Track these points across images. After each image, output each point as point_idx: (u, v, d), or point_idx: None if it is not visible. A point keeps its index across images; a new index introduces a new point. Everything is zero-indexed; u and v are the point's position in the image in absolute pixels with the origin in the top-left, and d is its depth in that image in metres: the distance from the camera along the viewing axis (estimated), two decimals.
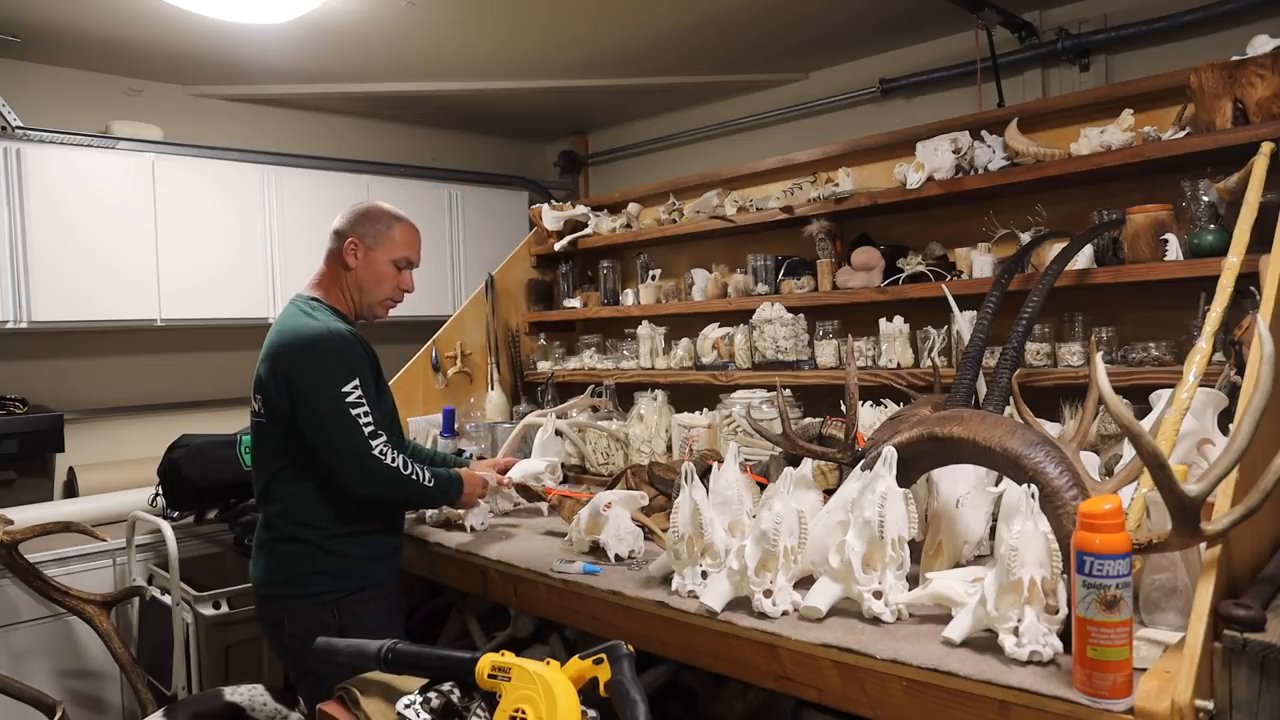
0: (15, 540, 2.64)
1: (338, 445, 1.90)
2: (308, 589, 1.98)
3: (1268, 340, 1.14)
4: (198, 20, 3.27)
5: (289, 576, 2.00)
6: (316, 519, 1.99)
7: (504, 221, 4.95)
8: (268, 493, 2.04)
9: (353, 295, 2.11)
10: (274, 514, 2.03)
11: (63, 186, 3.51)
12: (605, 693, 1.28)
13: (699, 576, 1.67)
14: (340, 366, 1.92)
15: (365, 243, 2.08)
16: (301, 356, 1.93)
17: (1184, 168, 2.06)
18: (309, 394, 1.91)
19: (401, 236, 2.13)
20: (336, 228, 2.12)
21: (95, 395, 3.99)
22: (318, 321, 1.99)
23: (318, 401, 1.90)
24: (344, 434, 1.90)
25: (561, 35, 3.77)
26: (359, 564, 2.02)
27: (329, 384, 1.90)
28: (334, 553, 2.00)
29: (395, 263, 2.12)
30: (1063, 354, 2.18)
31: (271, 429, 1.99)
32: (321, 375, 1.91)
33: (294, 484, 2.00)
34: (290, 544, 2.00)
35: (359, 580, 2.02)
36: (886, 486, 1.50)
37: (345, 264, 2.09)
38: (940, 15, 3.45)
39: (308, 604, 1.98)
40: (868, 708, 1.38)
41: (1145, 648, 1.24)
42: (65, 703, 2.68)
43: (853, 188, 2.66)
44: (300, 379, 1.92)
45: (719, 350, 2.90)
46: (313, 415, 1.91)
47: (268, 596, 2.04)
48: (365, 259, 2.09)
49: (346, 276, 2.10)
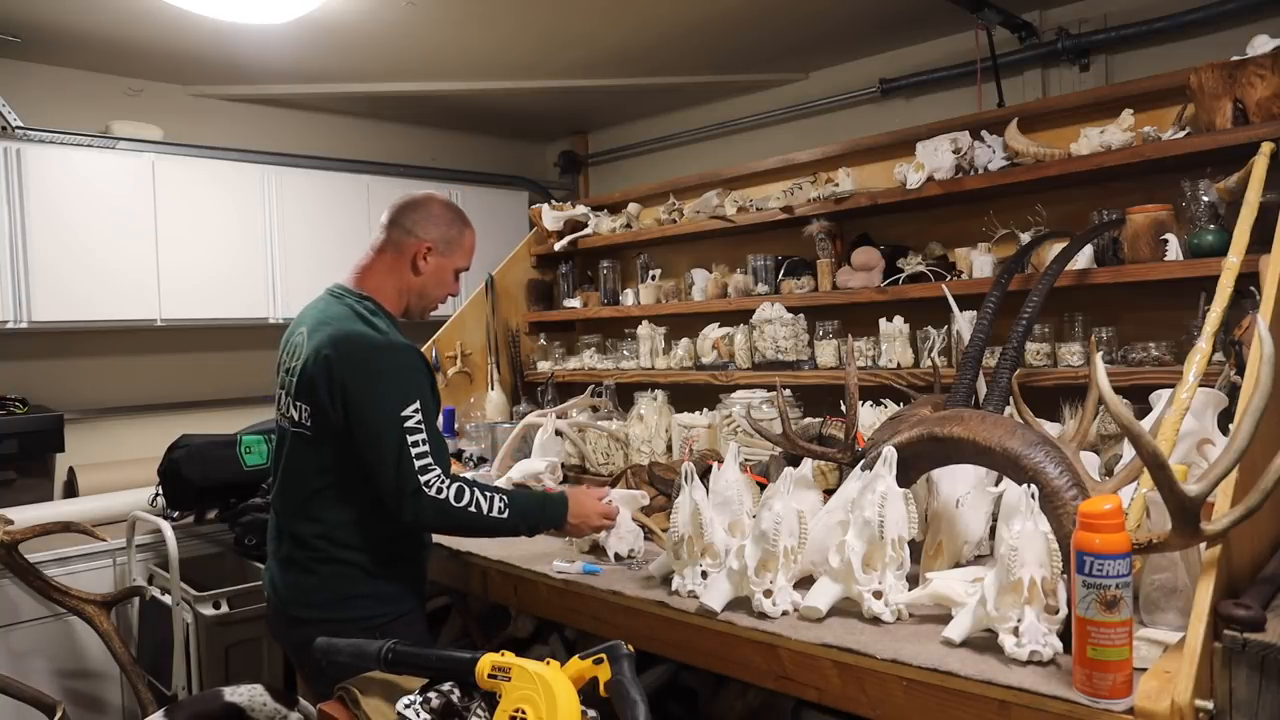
0: (15, 540, 2.64)
1: (387, 472, 1.73)
2: (349, 613, 1.83)
3: (1268, 340, 1.14)
4: (198, 20, 3.27)
5: (330, 600, 1.84)
6: (363, 542, 1.84)
7: (504, 221, 4.96)
8: (305, 510, 1.86)
9: (410, 298, 1.97)
10: (313, 533, 1.85)
11: (63, 186, 3.51)
12: (605, 693, 1.28)
13: (699, 576, 1.67)
14: (407, 387, 1.75)
15: (439, 249, 1.94)
16: (365, 371, 1.75)
17: (1184, 168, 2.06)
18: (365, 414, 1.74)
19: (469, 244, 2.02)
20: (403, 225, 1.94)
21: (95, 395, 3.99)
22: (380, 333, 1.83)
23: (374, 424, 1.73)
24: (396, 461, 1.72)
25: (562, 35, 3.77)
26: (403, 586, 1.90)
27: (390, 405, 1.73)
28: (380, 576, 1.86)
29: (458, 270, 2.01)
30: (1063, 354, 2.18)
31: (318, 441, 1.81)
32: (384, 395, 1.74)
33: (340, 503, 1.83)
34: (332, 565, 1.84)
35: (401, 604, 1.89)
36: (886, 486, 1.50)
37: (415, 268, 1.93)
38: (940, 15, 3.45)
39: (349, 628, 1.79)
40: (868, 708, 1.38)
41: (1145, 648, 1.24)
42: (65, 703, 2.67)
43: (853, 188, 2.66)
44: (360, 396, 1.74)
45: (719, 350, 2.90)
46: (366, 437, 1.74)
47: (301, 619, 1.86)
48: (435, 266, 1.95)
49: (410, 279, 1.94)
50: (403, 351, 1.80)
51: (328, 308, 1.90)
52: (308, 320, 1.90)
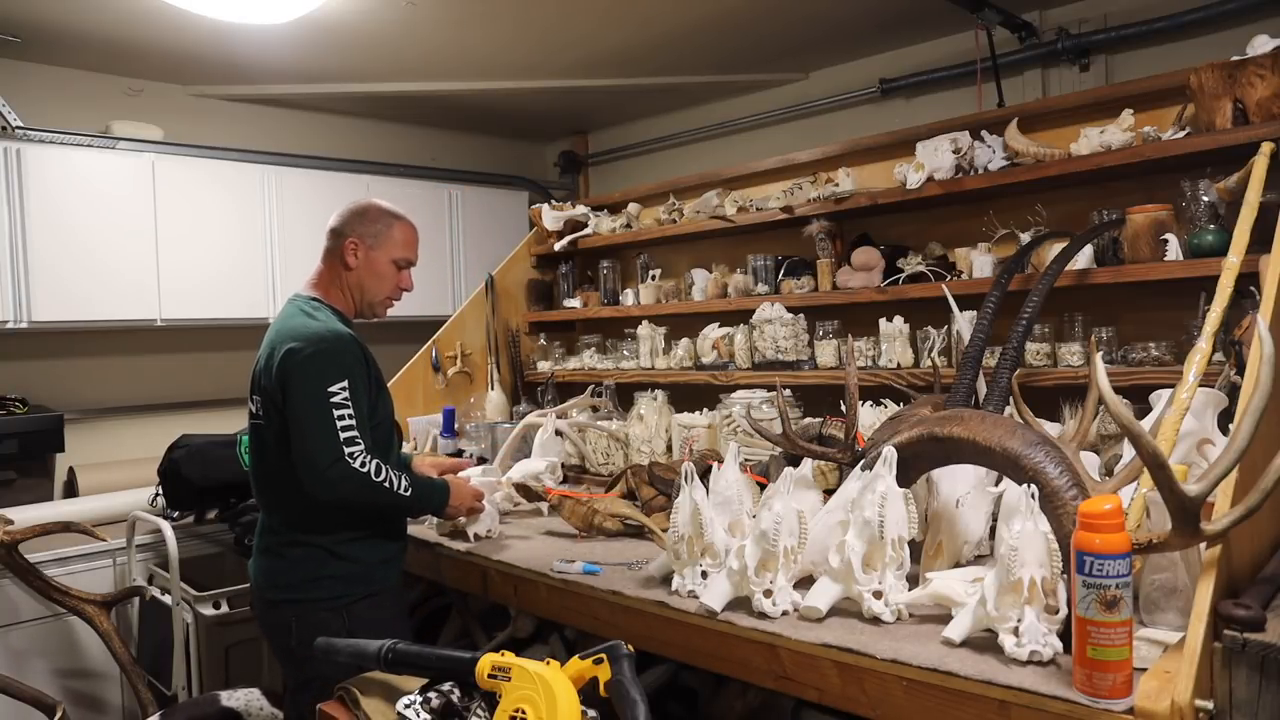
0: (15, 540, 2.64)
1: (308, 445, 1.85)
2: (317, 593, 1.95)
3: (1268, 340, 1.14)
4: (198, 20, 3.27)
5: (297, 581, 1.96)
6: (325, 523, 1.95)
7: (504, 221, 4.95)
8: (270, 496, 2.01)
9: (353, 295, 2.09)
10: (280, 520, 2.00)
11: (63, 186, 3.51)
12: (605, 693, 1.28)
13: (699, 576, 1.67)
14: (332, 367, 1.88)
15: (365, 243, 2.06)
16: (298, 354, 1.88)
17: (1184, 168, 2.06)
18: (295, 390, 1.87)
19: (401, 236, 2.11)
20: (334, 227, 2.09)
21: (95, 395, 3.99)
22: (318, 322, 1.97)
23: (302, 398, 1.86)
24: (318, 433, 1.84)
25: (562, 35, 3.77)
26: (368, 568, 1.99)
27: (317, 382, 1.86)
28: (344, 557, 1.96)
29: (395, 262, 2.10)
30: (1063, 354, 2.18)
31: (269, 430, 1.96)
32: (312, 373, 1.86)
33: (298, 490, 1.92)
34: (299, 548, 1.96)
35: (369, 584, 1.98)
36: (886, 486, 1.50)
37: (345, 264, 2.06)
38: (940, 15, 3.45)
39: (317, 609, 1.94)
40: (868, 708, 1.38)
41: (1145, 648, 1.24)
42: (65, 703, 2.68)
43: (853, 188, 2.66)
44: (292, 376, 1.88)
45: (719, 350, 2.90)
46: (294, 411, 1.87)
47: (273, 601, 1.99)
48: (366, 259, 2.07)
49: (347, 276, 2.08)
50: (334, 336, 1.93)
51: (282, 313, 2.06)
52: (270, 328, 2.06)
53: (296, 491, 1.92)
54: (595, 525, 2.18)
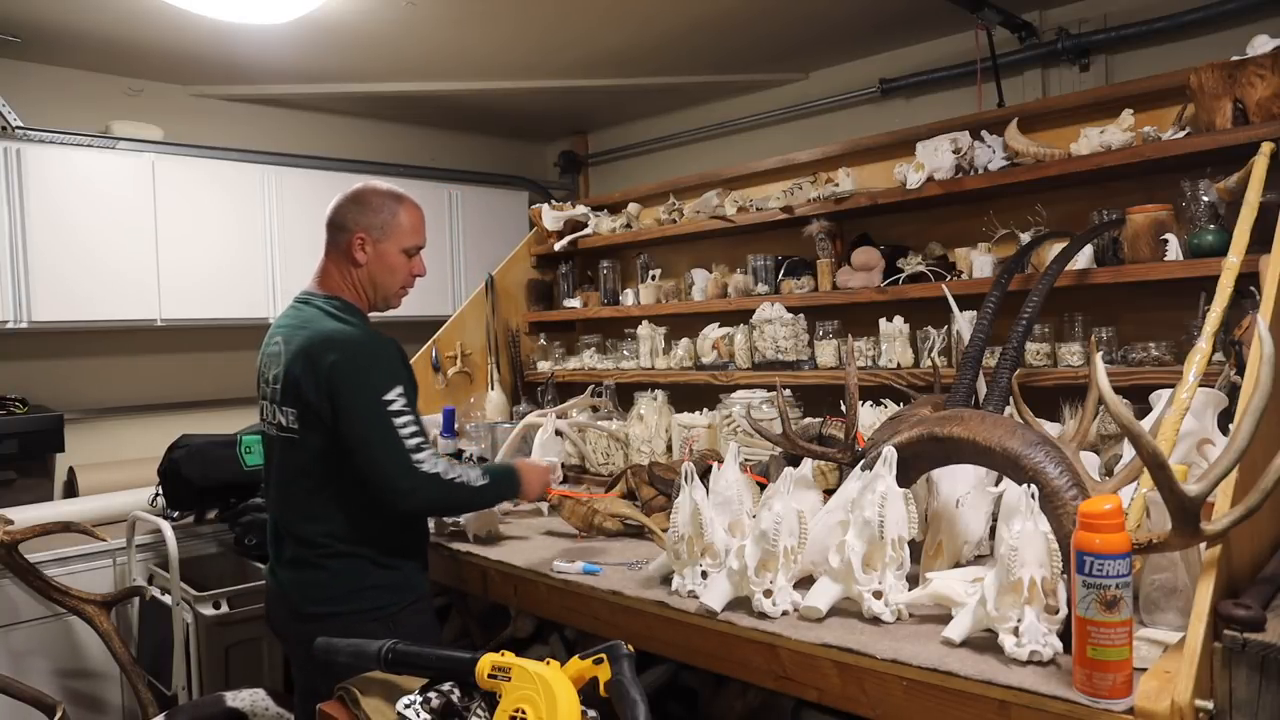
0: (15, 540, 2.64)
1: (377, 460, 1.78)
2: (361, 604, 1.86)
3: (1268, 340, 1.14)
4: (198, 20, 3.27)
5: (339, 593, 1.86)
6: (369, 534, 1.87)
7: (504, 221, 4.95)
8: (307, 510, 1.89)
9: (366, 291, 1.99)
10: (319, 531, 1.88)
11: (63, 186, 3.51)
12: (605, 693, 1.28)
13: (699, 576, 1.67)
14: (383, 374, 1.80)
15: (372, 236, 1.95)
16: (345, 365, 1.80)
17: (1184, 168, 2.06)
18: (350, 404, 1.78)
19: (409, 222, 1.99)
20: (335, 220, 1.97)
21: (95, 395, 3.99)
22: (352, 326, 1.89)
23: (360, 412, 1.78)
24: (384, 446, 1.77)
25: (561, 35, 3.77)
26: (409, 575, 1.93)
27: (372, 393, 1.78)
28: (388, 566, 1.89)
29: (406, 251, 1.99)
30: (1063, 354, 2.18)
31: (311, 444, 1.85)
32: (365, 384, 1.79)
33: (342, 498, 1.86)
34: (342, 560, 1.87)
35: (410, 592, 1.92)
36: (886, 486, 1.50)
37: (353, 261, 1.95)
38: (940, 15, 3.45)
39: (362, 620, 1.84)
40: (868, 708, 1.38)
41: (1145, 648, 1.24)
42: (65, 703, 2.67)
43: (853, 188, 2.66)
44: (343, 390, 1.79)
45: (719, 350, 2.90)
46: (352, 427, 1.79)
47: (310, 614, 1.87)
48: (375, 253, 1.95)
49: (356, 273, 1.96)
50: (380, 342, 1.86)
51: (299, 314, 1.95)
52: (282, 329, 1.94)
53: (345, 504, 1.85)
54: (595, 525, 2.18)
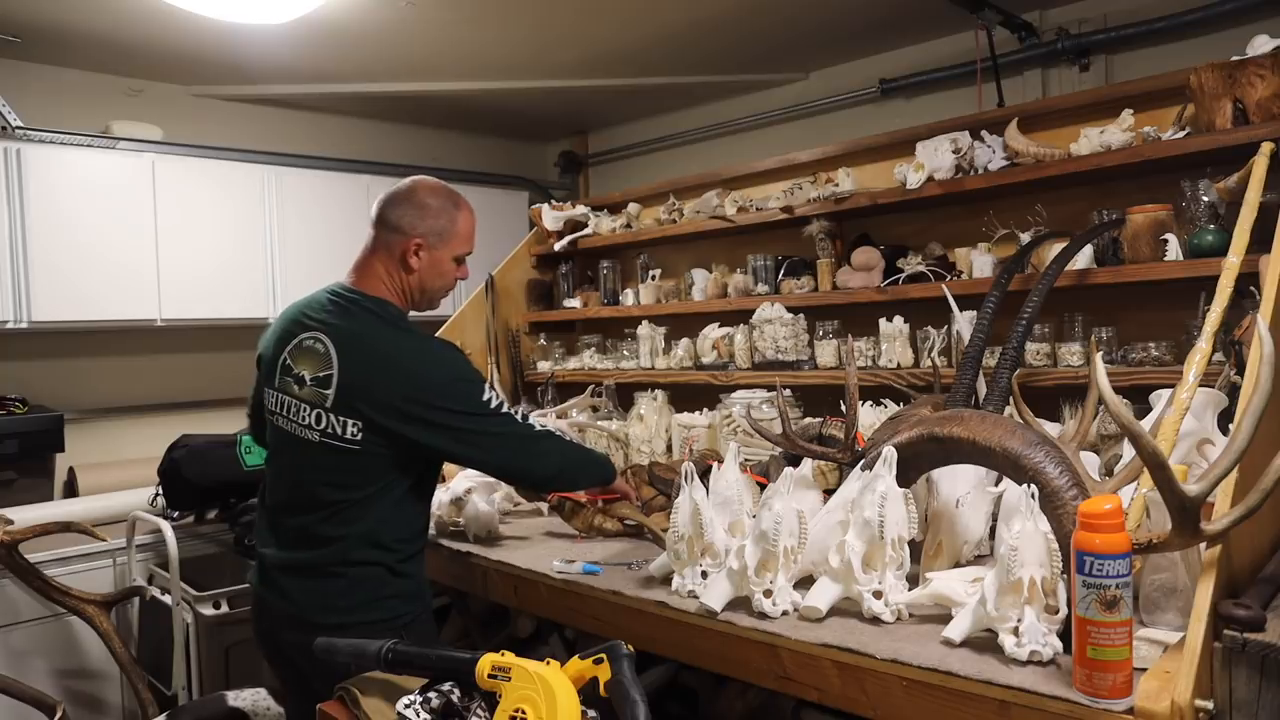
0: (15, 540, 2.64)
1: (512, 449, 1.81)
2: (377, 615, 1.82)
3: (1268, 340, 1.14)
4: (198, 20, 3.27)
5: (361, 603, 1.82)
6: (390, 543, 1.84)
7: (504, 221, 4.95)
8: (334, 517, 1.82)
9: (413, 294, 1.92)
10: (341, 538, 1.82)
11: (63, 186, 3.51)
12: (605, 693, 1.28)
13: (699, 576, 1.67)
14: (473, 380, 1.82)
15: (429, 242, 1.86)
16: (436, 385, 1.77)
17: (1184, 168, 2.06)
18: (454, 421, 1.76)
19: (465, 229, 1.93)
20: (389, 222, 1.87)
21: (95, 395, 3.99)
22: (415, 334, 1.85)
23: (471, 427, 1.78)
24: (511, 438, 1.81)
25: (561, 35, 3.78)
26: (419, 584, 1.92)
27: (474, 405, 1.78)
28: (403, 574, 1.87)
29: (457, 259, 1.94)
30: (1063, 354, 2.18)
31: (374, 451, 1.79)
32: (463, 398, 1.78)
33: (375, 509, 1.83)
34: (360, 568, 1.83)
35: (420, 600, 1.91)
36: (886, 486, 1.50)
37: (407, 266, 1.87)
38: (940, 15, 3.45)
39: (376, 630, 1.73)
40: (868, 708, 1.38)
41: (1145, 648, 1.24)
42: (65, 703, 2.67)
43: (853, 188, 2.66)
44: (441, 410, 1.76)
45: (719, 350, 2.90)
46: (466, 435, 1.78)
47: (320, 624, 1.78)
48: (429, 259, 1.88)
49: (407, 278, 1.89)
50: (451, 349, 1.88)
51: (345, 314, 1.84)
52: (327, 327, 1.83)
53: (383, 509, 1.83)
54: (595, 525, 2.18)
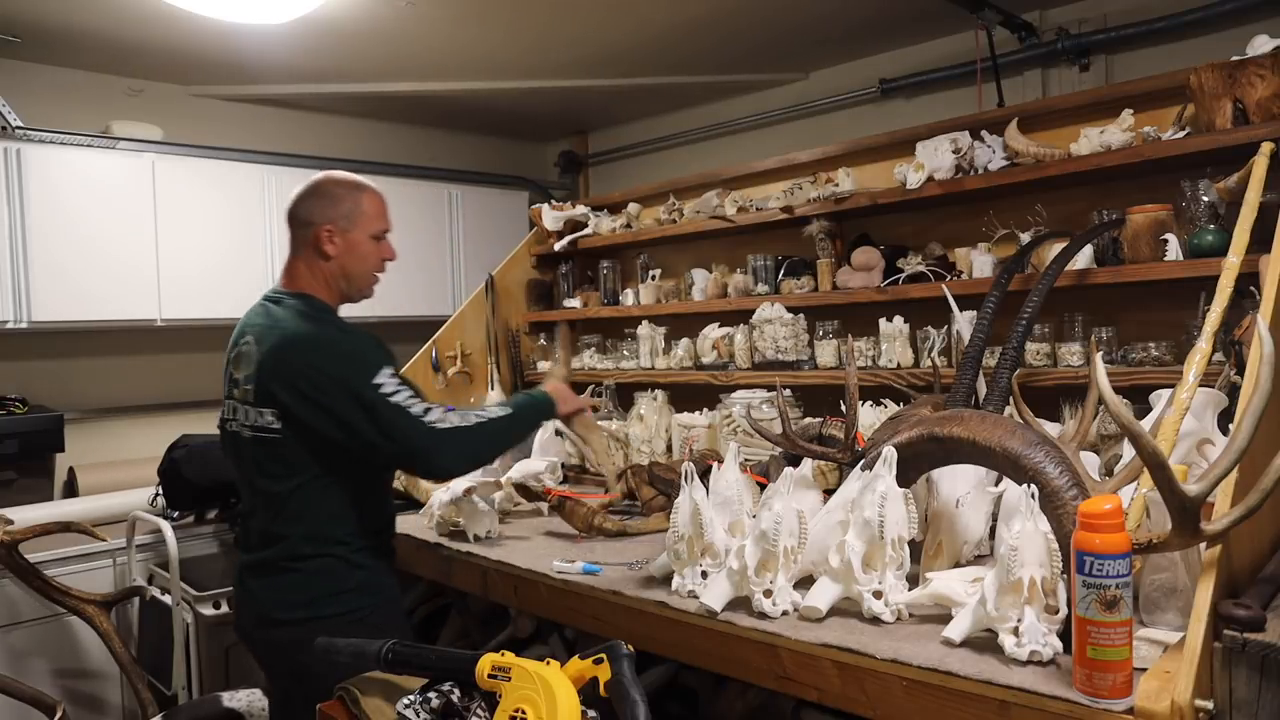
0: (15, 540, 2.64)
1: (396, 438, 1.78)
2: (335, 609, 1.85)
3: (1268, 340, 1.14)
4: (198, 20, 3.27)
5: (317, 597, 1.85)
6: (344, 533, 1.87)
7: (504, 221, 4.95)
8: (284, 510, 1.87)
9: (338, 283, 1.97)
10: (295, 533, 1.87)
11: (63, 186, 3.51)
12: (605, 693, 1.28)
13: (699, 576, 1.67)
14: (370, 362, 1.81)
15: (339, 226, 1.92)
16: (330, 361, 1.80)
17: (1184, 168, 2.06)
18: (345, 400, 1.78)
19: (372, 208, 1.98)
20: (300, 217, 1.94)
21: (95, 395, 3.99)
22: (328, 324, 1.89)
23: (356, 402, 1.77)
24: (400, 424, 1.77)
25: (561, 35, 3.78)
26: (378, 575, 1.93)
27: (362, 386, 1.78)
28: (360, 565, 1.88)
29: (374, 236, 1.98)
30: (1063, 354, 2.18)
31: (292, 440, 1.83)
32: (351, 381, 1.78)
33: (320, 499, 1.86)
34: (317, 561, 1.86)
35: (381, 591, 1.92)
36: (886, 486, 1.50)
37: (323, 255, 1.93)
38: (940, 15, 3.45)
39: (337, 624, 1.80)
40: (868, 708, 1.38)
41: (1145, 648, 1.24)
42: (65, 703, 2.67)
43: (853, 188, 2.66)
44: (333, 384, 1.78)
45: (719, 350, 2.90)
46: (352, 417, 1.78)
47: (281, 620, 1.87)
48: (344, 243, 1.93)
49: (327, 266, 1.94)
50: (356, 336, 1.87)
51: (268, 313, 1.92)
52: (253, 329, 1.92)
53: (324, 502, 1.86)
54: (595, 525, 2.18)
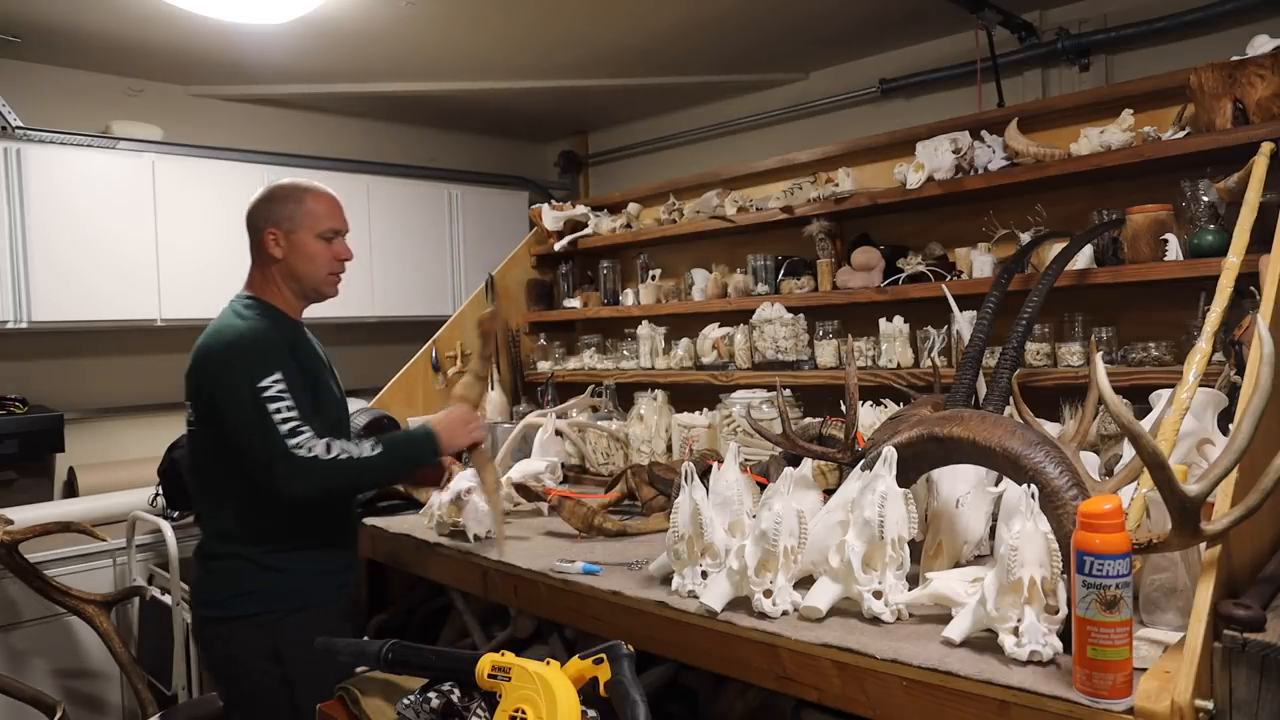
0: (15, 540, 2.64)
1: (255, 446, 1.75)
2: (240, 610, 1.83)
3: (1268, 340, 1.14)
4: (198, 20, 3.27)
5: (223, 597, 1.85)
6: (255, 533, 1.85)
7: (504, 221, 4.95)
8: (204, 505, 1.93)
9: (288, 284, 1.98)
10: (212, 529, 1.90)
11: (63, 186, 3.51)
12: (605, 693, 1.28)
13: (699, 576, 1.67)
14: (257, 363, 1.78)
15: (283, 228, 1.94)
16: (220, 357, 1.82)
17: (1184, 168, 2.06)
18: (226, 395, 1.78)
19: (320, 208, 1.98)
20: (250, 224, 1.98)
21: (95, 395, 3.99)
22: (243, 321, 1.89)
23: (234, 401, 1.77)
24: (261, 432, 1.74)
25: (561, 35, 3.78)
26: (301, 580, 1.87)
27: (246, 381, 1.76)
28: (271, 568, 1.84)
29: (322, 236, 1.97)
30: (1063, 354, 2.18)
31: (202, 438, 1.88)
32: (240, 373, 1.78)
33: (231, 495, 1.85)
34: (225, 560, 1.86)
35: (297, 598, 1.86)
36: (886, 486, 1.50)
37: (270, 256, 1.95)
38: (940, 15, 3.45)
39: (241, 627, 1.82)
40: (868, 708, 1.38)
41: (1145, 648, 1.24)
42: (65, 703, 2.68)
43: (853, 188, 2.66)
44: (219, 381, 1.80)
45: (719, 350, 2.90)
46: (231, 419, 1.78)
47: (202, 618, 1.91)
48: (289, 245, 1.95)
49: (275, 269, 1.96)
50: (259, 333, 1.85)
51: (219, 316, 1.97)
52: None
53: (230, 499, 1.85)
54: (595, 525, 2.18)
